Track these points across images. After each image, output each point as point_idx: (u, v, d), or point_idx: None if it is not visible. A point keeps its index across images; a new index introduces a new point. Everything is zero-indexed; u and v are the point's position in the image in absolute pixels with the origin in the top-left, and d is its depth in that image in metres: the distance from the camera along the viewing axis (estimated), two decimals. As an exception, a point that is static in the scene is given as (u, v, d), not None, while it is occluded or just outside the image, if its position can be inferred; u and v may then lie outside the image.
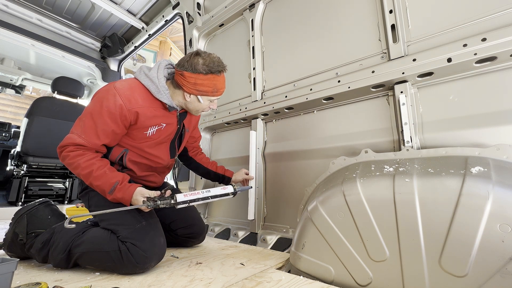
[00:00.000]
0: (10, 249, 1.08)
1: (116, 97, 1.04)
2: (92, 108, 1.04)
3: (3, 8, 2.51)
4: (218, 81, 1.13)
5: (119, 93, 1.05)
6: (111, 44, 3.13)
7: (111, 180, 0.99)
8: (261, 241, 1.51)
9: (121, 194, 0.99)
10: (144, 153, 1.17)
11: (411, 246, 0.79)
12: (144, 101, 1.09)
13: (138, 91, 1.09)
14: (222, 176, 1.51)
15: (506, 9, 0.92)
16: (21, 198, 2.76)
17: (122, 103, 1.03)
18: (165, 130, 1.18)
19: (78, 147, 1.00)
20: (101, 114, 1.02)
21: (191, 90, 1.11)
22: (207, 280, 0.89)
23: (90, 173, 0.98)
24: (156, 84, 1.11)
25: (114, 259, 0.93)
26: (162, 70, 1.15)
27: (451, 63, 0.96)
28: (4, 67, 3.09)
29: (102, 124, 1.02)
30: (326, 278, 0.95)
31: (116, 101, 1.03)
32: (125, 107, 1.03)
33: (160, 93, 1.11)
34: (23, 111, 6.79)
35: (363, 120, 1.26)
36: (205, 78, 1.10)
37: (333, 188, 1.00)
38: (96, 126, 1.01)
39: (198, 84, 1.10)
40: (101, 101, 1.04)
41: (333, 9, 1.42)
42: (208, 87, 1.12)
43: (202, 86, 1.11)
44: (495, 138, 0.91)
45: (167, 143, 1.26)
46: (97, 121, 1.02)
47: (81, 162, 0.98)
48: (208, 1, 2.21)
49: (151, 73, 1.13)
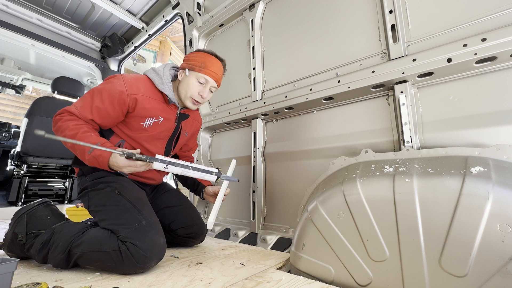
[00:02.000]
0: (10, 249, 1.08)
1: (120, 82, 1.11)
2: (95, 88, 1.12)
3: (3, 8, 2.51)
4: (208, 60, 1.20)
5: (124, 79, 1.13)
6: (111, 44, 3.13)
7: (94, 141, 1.00)
8: (261, 241, 1.52)
9: (99, 153, 0.99)
10: (139, 147, 1.19)
11: (411, 246, 0.79)
12: (146, 90, 1.16)
13: (142, 82, 1.18)
14: (197, 184, 1.44)
15: (506, 9, 0.92)
16: (21, 198, 2.76)
17: (124, 89, 1.10)
18: (162, 124, 1.21)
19: (72, 115, 1.05)
20: (100, 93, 1.09)
21: (183, 65, 1.23)
22: (207, 280, 0.89)
23: (75, 134, 0.99)
24: (160, 76, 1.20)
25: (114, 259, 0.92)
26: (168, 69, 1.26)
27: (451, 63, 0.96)
28: (4, 67, 3.09)
29: (98, 101, 1.07)
30: (326, 278, 0.95)
31: (118, 85, 1.10)
32: (125, 92, 1.10)
33: (163, 84, 1.19)
34: (23, 111, 6.79)
35: (363, 120, 1.26)
36: (196, 54, 1.23)
37: (333, 188, 1.00)
38: (93, 102, 1.07)
39: (190, 60, 1.22)
40: (106, 83, 1.12)
41: (333, 9, 1.42)
42: (196, 61, 1.20)
43: (192, 60, 1.21)
44: (495, 138, 0.91)
45: (164, 140, 1.27)
46: (94, 98, 1.08)
47: (70, 124, 1.01)
48: (208, 1, 2.21)
49: (157, 68, 1.25)
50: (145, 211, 1.04)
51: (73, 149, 1.03)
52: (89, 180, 1.14)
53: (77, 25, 2.97)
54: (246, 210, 1.71)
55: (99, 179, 1.12)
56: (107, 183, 1.10)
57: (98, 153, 0.99)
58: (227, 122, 1.88)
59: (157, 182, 1.38)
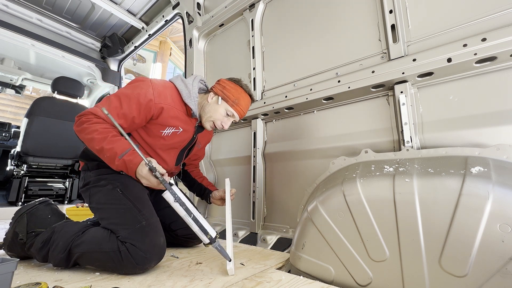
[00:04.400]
0: (11, 249, 1.08)
1: (149, 89, 1.10)
2: (123, 91, 1.09)
3: (3, 8, 2.51)
4: (242, 97, 1.24)
5: (153, 86, 1.12)
6: (111, 44, 3.13)
7: (125, 146, 0.99)
8: (261, 241, 1.52)
9: (129, 158, 0.97)
10: (154, 153, 1.20)
11: (411, 246, 0.79)
12: (172, 100, 1.16)
13: (169, 91, 1.17)
14: (204, 189, 1.49)
15: (506, 9, 0.92)
16: (21, 198, 2.77)
17: (153, 96, 1.09)
18: (180, 135, 1.21)
19: (98, 118, 1.03)
20: (129, 98, 1.07)
21: (217, 90, 1.23)
22: (207, 280, 0.89)
23: (105, 137, 0.99)
24: (189, 90, 1.20)
25: (114, 260, 0.92)
26: (197, 82, 1.26)
27: (451, 63, 0.96)
28: (4, 67, 3.09)
29: (126, 108, 1.06)
30: (326, 278, 0.95)
31: (148, 93, 1.09)
32: (153, 101, 1.09)
33: (190, 98, 1.19)
34: (23, 111, 6.79)
35: (363, 120, 1.26)
36: (234, 86, 1.23)
37: (333, 188, 1.00)
38: (121, 108, 1.05)
39: (226, 89, 1.23)
40: (134, 88, 1.10)
41: (333, 9, 1.42)
42: (232, 95, 1.22)
43: (228, 91, 1.22)
44: (495, 138, 0.91)
45: (178, 149, 1.28)
46: (123, 103, 1.06)
47: (99, 127, 1.00)
48: (208, 1, 2.21)
49: (187, 80, 1.25)
50: (146, 211, 1.04)
51: (101, 152, 1.00)
52: (92, 176, 1.14)
53: (77, 25, 2.97)
54: (246, 210, 1.71)
55: (102, 176, 1.12)
56: (109, 180, 1.10)
57: (128, 158, 0.97)
58: (227, 122, 1.88)
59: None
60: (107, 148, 0.97)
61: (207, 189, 1.48)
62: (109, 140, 0.98)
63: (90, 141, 0.99)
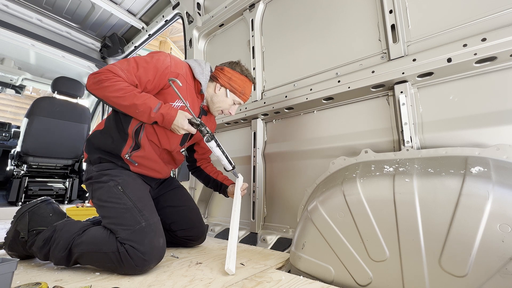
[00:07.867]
0: (12, 248, 1.08)
1: (167, 58, 1.15)
2: (142, 57, 1.13)
3: (3, 8, 2.51)
4: (247, 86, 1.31)
5: (170, 56, 1.18)
6: (111, 44, 3.13)
7: (155, 100, 1.06)
8: (261, 241, 1.52)
9: (166, 111, 1.06)
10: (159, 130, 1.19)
11: (411, 246, 0.79)
12: (185, 73, 1.22)
13: (184, 65, 1.24)
14: (220, 184, 1.51)
15: (506, 9, 0.92)
16: (21, 198, 2.77)
17: (170, 64, 1.14)
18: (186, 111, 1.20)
19: (118, 77, 1.04)
20: (147, 63, 1.10)
21: (224, 82, 1.28)
22: (207, 280, 0.89)
23: (133, 94, 1.02)
24: (202, 67, 1.28)
25: (113, 260, 0.92)
26: (209, 66, 1.33)
27: (451, 63, 0.96)
28: (4, 67, 3.09)
29: (143, 70, 1.09)
30: (326, 278, 0.95)
31: (166, 60, 1.14)
32: (170, 68, 1.14)
33: (203, 74, 1.26)
34: (23, 111, 6.79)
35: (363, 120, 1.26)
36: (239, 77, 1.29)
37: (333, 188, 1.00)
38: (137, 70, 1.08)
39: (232, 80, 1.28)
40: (153, 54, 1.15)
41: (333, 9, 1.42)
42: (238, 86, 1.28)
43: (235, 83, 1.28)
44: (495, 138, 0.91)
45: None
46: (140, 66, 1.09)
47: (122, 85, 1.02)
48: (208, 1, 2.21)
49: (200, 60, 1.33)
50: (146, 211, 1.04)
51: (130, 108, 1.03)
52: (94, 171, 1.13)
53: (77, 25, 2.97)
54: (246, 210, 1.71)
55: (104, 171, 1.11)
56: (111, 176, 1.09)
57: (164, 111, 1.06)
58: (227, 122, 1.88)
59: (164, 176, 1.35)
60: (139, 103, 1.02)
61: (223, 184, 1.50)
62: (137, 96, 1.02)
63: (117, 98, 1.01)
